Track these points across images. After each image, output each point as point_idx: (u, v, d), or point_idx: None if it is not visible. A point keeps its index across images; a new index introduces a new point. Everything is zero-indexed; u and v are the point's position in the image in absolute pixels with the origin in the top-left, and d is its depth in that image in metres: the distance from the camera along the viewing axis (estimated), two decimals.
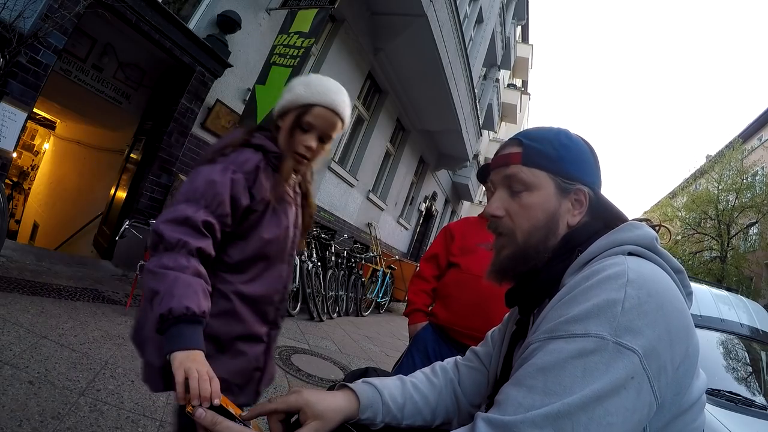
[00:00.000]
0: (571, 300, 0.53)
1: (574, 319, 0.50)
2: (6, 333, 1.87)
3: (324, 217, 6.51)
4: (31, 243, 6.21)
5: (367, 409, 0.68)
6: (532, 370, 0.51)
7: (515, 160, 0.68)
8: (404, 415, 0.71)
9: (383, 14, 5.87)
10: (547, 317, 0.55)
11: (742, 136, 17.47)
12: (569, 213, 0.67)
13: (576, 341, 0.49)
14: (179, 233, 0.79)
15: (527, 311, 0.70)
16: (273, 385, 2.40)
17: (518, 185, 0.68)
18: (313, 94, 0.97)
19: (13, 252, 2.96)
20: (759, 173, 15.80)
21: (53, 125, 7.64)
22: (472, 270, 1.68)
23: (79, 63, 4.39)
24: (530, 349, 0.54)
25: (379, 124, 7.47)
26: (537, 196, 0.67)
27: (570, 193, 0.67)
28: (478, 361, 0.85)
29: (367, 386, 0.70)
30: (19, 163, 8.41)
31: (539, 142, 0.68)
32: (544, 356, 0.50)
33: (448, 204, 14.54)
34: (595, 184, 0.69)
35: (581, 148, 0.69)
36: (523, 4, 13.88)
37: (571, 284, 0.56)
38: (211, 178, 0.87)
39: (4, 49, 2.44)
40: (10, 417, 1.36)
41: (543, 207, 0.66)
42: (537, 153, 0.68)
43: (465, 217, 1.99)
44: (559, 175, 0.67)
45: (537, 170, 0.67)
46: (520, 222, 0.67)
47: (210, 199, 0.85)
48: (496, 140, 16.94)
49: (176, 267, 0.75)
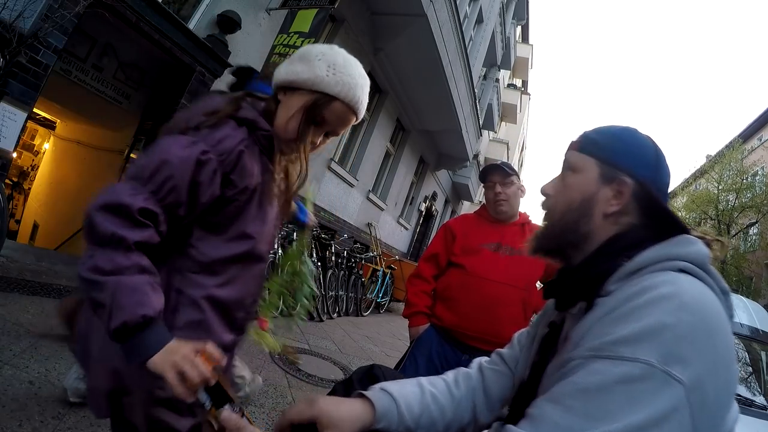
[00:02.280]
0: (620, 317, 0.51)
1: (623, 340, 0.48)
2: (6, 333, 1.87)
3: (324, 217, 6.50)
4: (31, 243, 6.21)
5: (383, 419, 0.67)
6: (573, 389, 0.48)
7: (573, 147, 0.73)
8: (419, 425, 0.71)
9: (383, 14, 5.87)
10: (592, 331, 0.53)
11: (742, 136, 17.46)
12: (606, 201, 0.66)
13: (623, 365, 0.47)
14: (113, 225, 0.64)
15: (564, 306, 0.69)
16: (273, 385, 2.41)
17: (567, 167, 0.72)
18: (338, 84, 0.80)
19: (13, 252, 2.96)
20: (759, 173, 15.80)
21: (53, 125, 7.64)
22: (478, 272, 1.66)
23: (79, 63, 4.39)
24: (571, 366, 0.51)
25: (379, 124, 7.47)
26: (578, 177, 0.69)
27: (612, 182, 0.66)
28: (504, 364, 0.84)
29: (383, 395, 0.69)
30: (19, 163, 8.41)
31: (596, 133, 0.71)
32: (587, 376, 0.48)
33: (448, 204, 14.53)
34: (649, 182, 0.65)
35: (641, 143, 0.68)
36: (523, 4, 13.87)
37: (619, 297, 0.54)
38: (168, 156, 0.69)
39: (4, 49, 2.44)
40: (10, 417, 1.36)
41: (581, 188, 0.68)
42: (590, 141, 0.71)
43: (463, 215, 1.96)
44: (605, 163, 0.67)
45: (586, 155, 0.70)
46: (559, 199, 0.71)
47: (160, 182, 0.68)
48: (496, 140, 16.93)
49: (114, 270, 0.63)
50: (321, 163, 6.15)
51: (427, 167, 10.78)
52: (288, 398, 2.31)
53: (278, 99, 0.84)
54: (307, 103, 0.81)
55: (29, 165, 8.72)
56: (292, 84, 0.82)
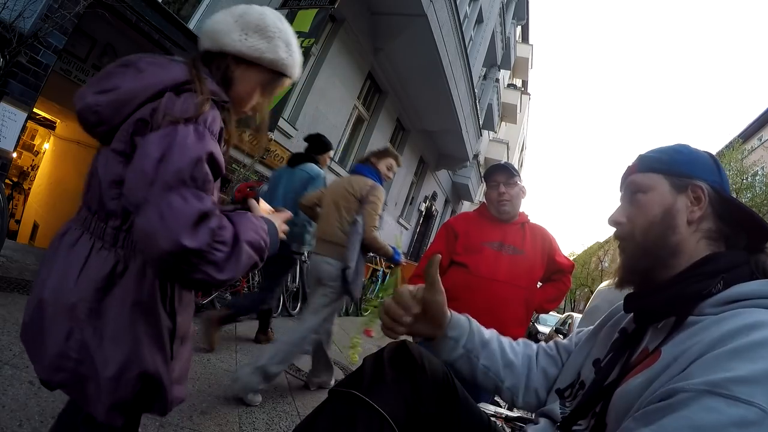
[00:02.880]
0: (736, 353, 0.50)
1: (740, 380, 0.47)
2: (6, 333, 1.87)
3: None
4: (31, 243, 6.22)
5: (456, 328, 0.80)
6: (685, 425, 0.47)
7: (632, 171, 0.75)
8: (484, 353, 0.81)
9: (383, 14, 5.87)
10: (706, 361, 0.52)
11: (742, 136, 17.45)
12: (687, 209, 0.67)
13: (738, 407, 0.46)
14: (209, 234, 0.65)
15: (646, 321, 0.68)
16: (273, 385, 2.40)
17: (635, 190, 0.73)
18: (294, 66, 0.89)
19: (13, 252, 2.96)
20: (759, 173, 15.79)
21: (53, 125, 7.64)
22: (482, 272, 1.66)
23: (79, 63, 4.39)
24: (682, 398, 0.49)
25: (379, 124, 7.48)
26: (651, 195, 0.70)
27: (686, 189, 0.68)
28: (557, 351, 0.88)
29: (462, 315, 0.83)
30: (19, 163, 8.41)
31: (654, 152, 0.74)
32: (700, 413, 0.47)
33: (448, 204, 14.53)
34: (718, 184, 0.68)
35: (698, 153, 0.71)
36: (523, 4, 13.88)
37: (729, 328, 0.53)
38: (196, 153, 0.68)
39: (4, 49, 2.44)
40: (10, 417, 1.36)
41: (658, 203, 0.69)
42: (650, 159, 0.73)
43: (464, 213, 1.96)
44: (672, 175, 0.69)
45: (650, 173, 0.71)
46: (637, 221, 0.71)
47: (201, 180, 0.68)
48: (496, 140, 16.94)
49: (238, 246, 0.69)
50: None
51: (427, 167, 10.78)
52: (288, 398, 2.31)
53: (228, 66, 0.83)
54: (266, 80, 0.88)
55: (29, 165, 8.72)
56: (250, 58, 0.84)
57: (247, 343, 3.02)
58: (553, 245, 1.78)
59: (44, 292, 0.74)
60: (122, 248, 0.75)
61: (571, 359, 0.83)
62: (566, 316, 10.63)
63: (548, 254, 1.75)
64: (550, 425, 0.74)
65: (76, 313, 0.71)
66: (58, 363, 0.72)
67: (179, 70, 0.76)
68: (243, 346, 2.93)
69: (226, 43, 0.82)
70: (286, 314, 4.28)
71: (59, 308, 0.72)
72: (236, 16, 0.82)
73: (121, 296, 0.74)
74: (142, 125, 0.72)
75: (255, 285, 3.70)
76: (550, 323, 12.28)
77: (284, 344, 2.09)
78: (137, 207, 0.65)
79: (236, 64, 0.84)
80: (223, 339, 2.90)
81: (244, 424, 1.87)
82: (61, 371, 0.73)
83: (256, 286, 3.70)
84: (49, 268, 0.76)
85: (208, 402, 1.94)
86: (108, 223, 0.75)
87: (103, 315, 0.73)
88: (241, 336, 3.13)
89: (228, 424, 1.82)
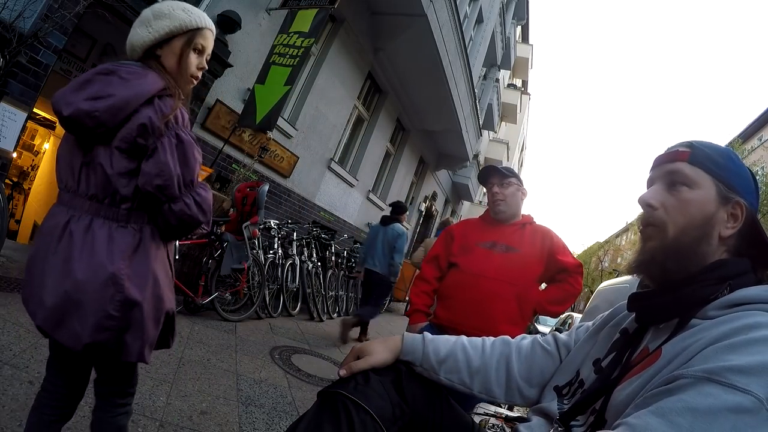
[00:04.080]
0: (736, 346, 0.52)
1: (738, 369, 0.49)
2: (6, 333, 1.87)
3: (324, 217, 6.51)
4: (31, 243, 6.21)
5: (409, 353, 0.81)
6: (682, 407, 0.49)
7: (682, 157, 0.69)
8: (443, 368, 0.81)
9: (383, 14, 5.87)
10: (705, 354, 0.54)
11: (742, 136, 17.45)
12: (723, 223, 0.65)
13: (735, 394, 0.48)
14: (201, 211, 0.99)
15: (648, 321, 0.69)
16: (273, 385, 2.41)
17: (680, 180, 0.68)
18: (199, 18, 1.02)
19: (13, 252, 2.96)
20: (759, 173, 15.79)
21: (53, 125, 7.64)
22: (471, 269, 1.68)
23: (79, 63, 4.40)
24: (681, 383, 0.52)
25: (379, 124, 7.48)
26: (697, 194, 0.66)
27: (729, 203, 0.66)
28: (555, 347, 0.87)
29: (416, 336, 0.84)
30: (19, 163, 8.40)
31: (708, 148, 0.69)
32: (697, 397, 0.49)
33: (448, 204, 14.53)
34: (754, 207, 0.67)
35: (745, 168, 0.70)
36: (523, 4, 13.87)
37: (733, 327, 0.55)
38: (195, 155, 0.98)
39: (4, 49, 2.44)
40: (10, 417, 1.36)
41: (701, 207, 0.66)
42: (705, 156, 0.68)
43: (466, 219, 1.99)
44: (722, 182, 0.66)
45: (701, 171, 0.67)
46: (675, 216, 0.67)
47: (195, 170, 0.99)
48: (496, 140, 16.93)
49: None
50: (321, 163, 6.15)
51: (427, 167, 10.79)
52: (288, 398, 2.31)
53: (157, 55, 1.00)
54: (188, 39, 1.01)
55: (29, 165, 8.72)
56: (167, 36, 0.99)
57: (351, 343, 3.95)
58: (555, 242, 1.73)
59: (77, 274, 0.87)
60: (135, 223, 0.95)
61: (570, 357, 0.83)
62: (566, 316, 10.62)
63: (548, 251, 1.70)
64: (543, 423, 0.75)
65: (115, 280, 0.88)
66: (103, 324, 0.88)
67: (156, 79, 0.93)
68: (345, 347, 3.86)
69: (143, 43, 0.98)
70: (286, 314, 4.28)
71: (99, 281, 0.88)
72: (137, 22, 1.01)
73: (144, 257, 0.94)
74: (144, 130, 0.90)
75: (255, 285, 3.71)
76: (550, 323, 12.27)
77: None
78: (172, 198, 0.93)
79: (161, 50, 1.00)
80: (224, 339, 2.90)
81: (244, 424, 1.87)
82: (105, 331, 0.88)
83: (256, 285, 3.71)
84: (66, 253, 0.89)
85: (208, 402, 1.94)
86: (121, 206, 0.93)
87: (133, 275, 0.91)
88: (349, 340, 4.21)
89: (228, 424, 1.82)
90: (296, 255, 4.57)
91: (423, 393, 0.76)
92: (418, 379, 0.79)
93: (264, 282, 3.77)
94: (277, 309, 4.15)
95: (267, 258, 4.01)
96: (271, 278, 4.11)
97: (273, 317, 4.02)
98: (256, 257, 3.73)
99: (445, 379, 0.81)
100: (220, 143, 4.19)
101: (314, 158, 5.94)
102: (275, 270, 4.19)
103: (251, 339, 3.13)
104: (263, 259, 3.89)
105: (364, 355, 0.78)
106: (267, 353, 2.93)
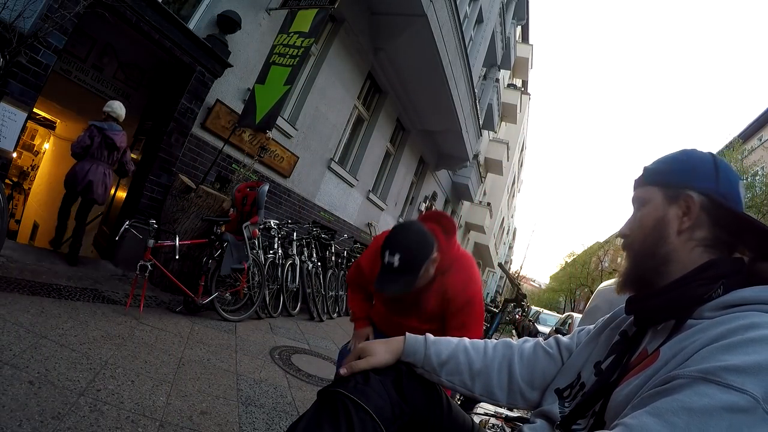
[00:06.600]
0: (732, 346, 0.53)
1: (734, 368, 0.49)
2: (6, 333, 1.87)
3: (324, 217, 6.50)
4: (31, 243, 6.21)
5: (410, 355, 0.82)
6: (678, 406, 0.49)
7: (637, 183, 0.78)
8: (444, 370, 0.82)
9: (383, 14, 5.87)
10: (701, 354, 0.54)
11: (742, 136, 17.43)
12: (678, 219, 0.70)
13: (731, 393, 0.48)
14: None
15: (646, 323, 0.70)
16: (273, 385, 2.41)
17: (638, 203, 0.77)
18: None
19: (13, 252, 2.96)
20: (759, 173, 15.77)
21: (53, 125, 7.64)
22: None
23: (79, 63, 4.39)
24: (676, 383, 0.52)
25: (379, 124, 7.47)
26: (647, 208, 0.74)
27: (677, 200, 0.70)
28: (557, 350, 0.88)
29: (419, 337, 0.84)
30: (19, 163, 8.41)
31: (656, 162, 0.76)
32: (693, 396, 0.49)
33: (448, 204, 14.53)
34: (713, 192, 0.68)
35: (698, 159, 0.72)
36: (523, 4, 13.87)
37: (728, 327, 0.56)
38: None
39: (4, 49, 2.44)
40: (10, 417, 1.36)
41: (652, 215, 0.72)
42: (651, 171, 0.76)
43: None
44: (666, 186, 0.72)
45: (650, 186, 0.75)
46: (636, 233, 0.75)
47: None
48: (496, 140, 16.93)
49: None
50: (321, 163, 6.15)
51: (427, 167, 10.78)
52: (288, 398, 2.31)
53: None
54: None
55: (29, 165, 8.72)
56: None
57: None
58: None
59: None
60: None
61: (571, 359, 0.83)
62: (566, 316, 10.62)
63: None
64: (547, 425, 0.75)
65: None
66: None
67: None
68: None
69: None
70: (286, 314, 4.28)
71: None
72: None
73: None
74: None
75: (255, 285, 3.71)
76: (550, 323, 12.28)
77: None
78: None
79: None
80: (224, 339, 2.90)
81: (244, 424, 1.87)
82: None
83: (256, 285, 3.72)
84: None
85: (208, 402, 1.94)
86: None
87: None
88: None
89: (228, 424, 1.82)
90: (296, 255, 4.57)
91: (423, 393, 0.77)
92: (418, 379, 0.80)
93: (264, 282, 3.77)
94: (277, 309, 4.15)
95: (267, 258, 4.01)
96: (271, 278, 4.11)
97: (273, 317, 4.02)
98: (256, 257, 3.73)
99: (447, 381, 0.81)
100: (220, 143, 4.19)
101: (314, 158, 5.93)
102: (275, 270, 4.19)
103: (251, 339, 3.13)
104: (263, 259, 3.89)
105: (365, 355, 0.79)
106: (267, 353, 2.93)
